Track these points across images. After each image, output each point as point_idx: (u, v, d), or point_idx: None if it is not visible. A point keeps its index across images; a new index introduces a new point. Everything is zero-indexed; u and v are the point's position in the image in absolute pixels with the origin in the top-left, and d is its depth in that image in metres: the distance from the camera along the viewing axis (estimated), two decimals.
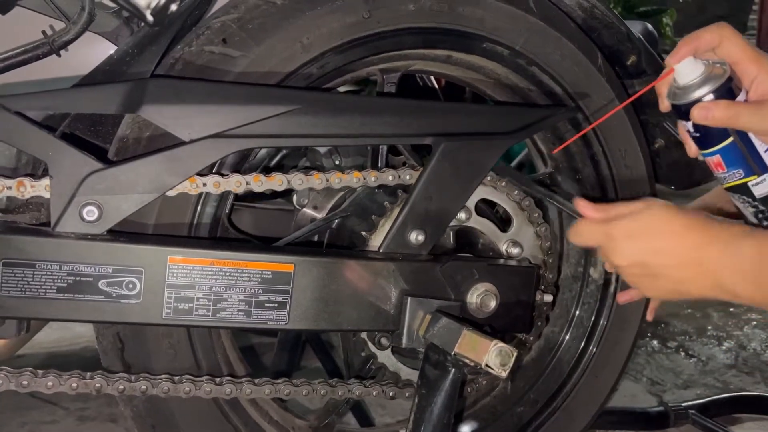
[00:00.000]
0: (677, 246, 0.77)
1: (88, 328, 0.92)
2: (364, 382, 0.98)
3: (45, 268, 0.78)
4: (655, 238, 0.78)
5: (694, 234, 0.77)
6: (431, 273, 0.93)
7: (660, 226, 0.79)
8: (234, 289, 0.85)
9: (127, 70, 0.87)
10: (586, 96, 1.05)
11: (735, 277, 0.74)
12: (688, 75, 0.81)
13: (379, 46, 0.96)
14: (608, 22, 1.07)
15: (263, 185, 0.89)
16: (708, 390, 1.74)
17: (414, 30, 0.96)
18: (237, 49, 0.87)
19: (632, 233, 0.79)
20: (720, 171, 0.84)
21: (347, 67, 0.96)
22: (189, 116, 0.82)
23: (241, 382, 0.91)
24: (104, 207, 0.80)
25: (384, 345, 0.96)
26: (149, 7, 0.86)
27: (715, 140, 0.82)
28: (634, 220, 0.80)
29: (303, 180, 0.91)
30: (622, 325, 1.14)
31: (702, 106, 0.79)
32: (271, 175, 0.90)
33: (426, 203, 0.94)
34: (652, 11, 3.46)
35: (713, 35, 0.80)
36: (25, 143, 0.80)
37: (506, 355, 0.81)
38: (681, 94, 0.81)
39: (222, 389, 0.90)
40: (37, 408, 1.58)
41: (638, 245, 0.79)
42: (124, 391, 0.86)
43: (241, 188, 0.88)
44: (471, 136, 0.94)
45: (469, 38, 0.99)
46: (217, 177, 0.87)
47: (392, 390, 0.98)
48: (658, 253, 0.78)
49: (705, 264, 0.76)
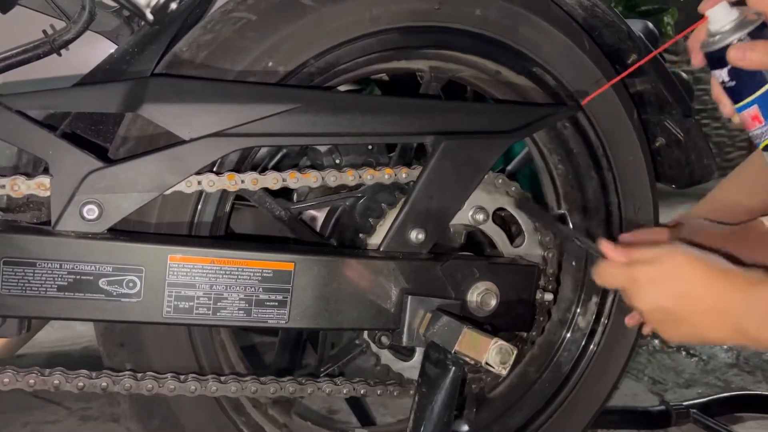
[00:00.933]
0: (701, 293, 0.77)
1: (90, 327, 0.92)
2: (369, 381, 0.98)
3: (45, 266, 0.78)
4: (678, 285, 0.78)
5: (717, 282, 0.77)
6: (432, 271, 0.93)
7: (684, 273, 0.78)
8: (234, 287, 0.85)
9: (128, 69, 0.87)
10: None
11: (758, 322, 0.75)
12: (721, 20, 0.78)
13: (438, 41, 0.98)
14: (609, 21, 1.07)
15: (258, 184, 0.89)
16: (709, 389, 1.73)
17: (474, 35, 0.98)
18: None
19: (656, 279, 0.79)
20: (757, 126, 0.80)
21: (403, 52, 0.98)
22: (189, 115, 0.82)
23: (246, 380, 0.91)
24: (104, 206, 0.80)
25: (384, 343, 0.96)
26: (149, 5, 0.86)
27: (752, 87, 0.79)
28: (658, 265, 0.80)
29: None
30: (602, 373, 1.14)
31: (739, 47, 0.77)
32: (266, 174, 0.90)
33: (426, 202, 0.94)
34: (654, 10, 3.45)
35: None
36: (26, 142, 0.80)
37: (506, 353, 0.81)
38: (715, 41, 0.79)
39: (227, 387, 0.90)
40: (40, 408, 1.58)
41: (662, 291, 0.79)
42: (131, 389, 0.86)
43: (237, 187, 0.88)
44: (471, 135, 0.94)
45: (523, 59, 1.01)
46: (211, 176, 0.86)
47: (397, 389, 0.98)
48: (681, 299, 0.78)
49: (728, 311, 0.76)
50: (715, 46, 0.79)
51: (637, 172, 1.12)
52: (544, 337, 1.13)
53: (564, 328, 1.14)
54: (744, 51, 0.77)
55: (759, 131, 0.81)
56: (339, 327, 0.92)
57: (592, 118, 1.06)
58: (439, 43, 0.99)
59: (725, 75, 0.80)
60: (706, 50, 0.80)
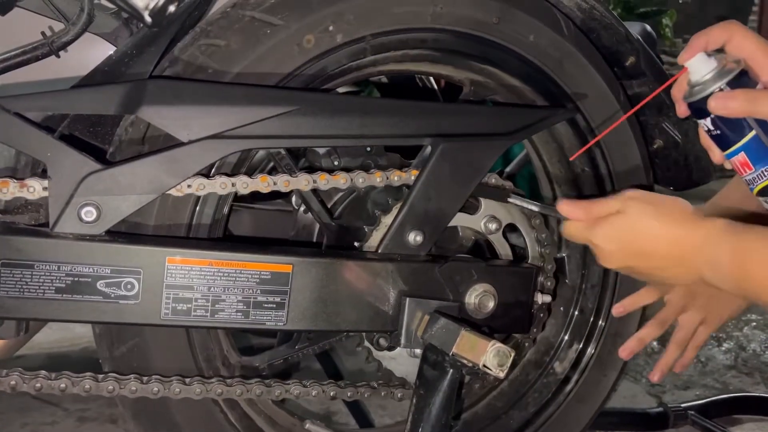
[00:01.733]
0: (656, 246, 0.79)
1: (88, 328, 0.92)
2: (372, 384, 0.98)
3: (43, 268, 0.78)
4: (633, 241, 0.80)
5: (671, 231, 0.79)
6: (430, 274, 0.93)
7: (637, 228, 0.80)
8: (232, 289, 0.85)
9: (126, 71, 0.87)
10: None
11: (715, 275, 0.76)
12: (701, 70, 0.79)
13: (489, 56, 1.01)
14: (607, 23, 1.07)
15: (248, 187, 0.89)
16: (707, 391, 1.74)
17: (522, 59, 1.01)
18: None
19: (612, 238, 0.81)
20: (747, 172, 0.81)
21: (451, 57, 1.01)
22: (187, 117, 0.82)
23: (251, 383, 0.92)
24: (103, 208, 0.80)
25: (382, 345, 0.96)
26: (147, 8, 0.86)
27: (737, 135, 0.79)
28: (611, 224, 0.82)
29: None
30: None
31: (718, 96, 0.77)
32: (259, 177, 0.90)
33: (425, 204, 0.94)
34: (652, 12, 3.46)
35: (722, 30, 0.79)
36: (24, 144, 0.80)
37: (504, 356, 0.81)
38: (696, 91, 0.79)
39: (233, 390, 0.90)
40: (38, 409, 1.58)
41: (619, 249, 0.81)
42: (136, 392, 0.86)
43: (226, 190, 0.88)
44: (470, 137, 0.94)
45: (561, 94, 1.04)
46: (244, 177, 0.88)
47: (400, 392, 0.98)
48: (639, 255, 0.80)
49: (685, 261, 0.78)
50: (696, 97, 0.79)
51: (636, 174, 1.12)
52: (516, 374, 1.13)
53: (538, 370, 1.14)
54: (724, 100, 0.77)
55: (750, 177, 0.81)
56: (337, 329, 0.92)
57: (590, 120, 1.06)
58: (488, 58, 1.01)
59: (710, 124, 0.80)
60: (689, 101, 0.81)
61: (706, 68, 0.79)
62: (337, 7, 0.89)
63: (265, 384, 0.93)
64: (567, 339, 1.14)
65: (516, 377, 1.13)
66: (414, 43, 0.96)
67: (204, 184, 0.86)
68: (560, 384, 1.13)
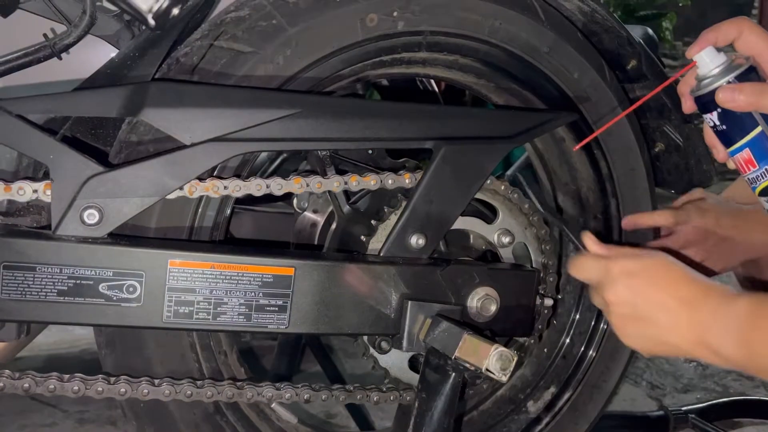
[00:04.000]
0: (672, 293, 0.76)
1: (88, 330, 0.92)
2: (382, 387, 0.98)
3: (45, 271, 0.78)
4: (651, 282, 0.78)
5: (690, 286, 0.76)
6: (432, 277, 0.93)
7: (659, 273, 0.78)
8: (234, 292, 0.85)
9: (129, 74, 0.87)
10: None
11: (722, 335, 0.72)
12: (709, 64, 0.78)
13: (532, 82, 1.03)
14: (608, 27, 1.07)
15: (282, 189, 0.90)
16: (708, 394, 1.74)
17: (563, 94, 1.03)
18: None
19: (630, 272, 0.79)
20: (751, 169, 0.80)
21: (497, 76, 1.04)
22: (190, 120, 0.82)
23: (261, 386, 0.92)
24: (105, 210, 0.80)
25: (384, 349, 0.96)
26: (151, 11, 0.86)
27: (743, 131, 0.79)
28: (636, 261, 0.80)
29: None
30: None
31: (727, 88, 0.77)
32: (293, 178, 0.91)
33: (427, 207, 0.94)
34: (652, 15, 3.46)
35: (732, 26, 0.78)
36: (27, 146, 0.79)
37: (507, 360, 0.81)
38: (704, 85, 0.79)
39: (244, 393, 0.90)
40: (37, 410, 1.58)
41: (633, 283, 0.78)
42: (126, 394, 0.85)
43: (261, 191, 0.89)
44: (472, 140, 0.94)
45: (585, 128, 1.05)
46: (279, 179, 0.89)
47: (410, 395, 0.97)
48: (650, 296, 0.77)
49: (695, 316, 0.74)
50: (704, 90, 0.79)
51: (637, 177, 1.12)
52: (488, 406, 1.12)
53: (511, 406, 1.12)
54: (733, 92, 0.77)
55: (753, 175, 0.80)
56: (339, 332, 0.92)
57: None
58: (531, 85, 1.03)
59: (716, 119, 0.80)
60: (696, 94, 0.80)
61: (714, 62, 0.78)
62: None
63: (275, 387, 0.92)
64: (545, 381, 1.13)
65: (488, 409, 1.12)
66: (467, 51, 0.98)
67: (239, 185, 0.86)
68: (530, 423, 1.12)
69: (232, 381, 0.91)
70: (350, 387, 0.96)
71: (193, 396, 0.88)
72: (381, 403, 0.97)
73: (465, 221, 1.01)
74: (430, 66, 1.02)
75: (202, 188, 0.85)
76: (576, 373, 1.12)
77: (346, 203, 1.07)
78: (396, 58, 0.97)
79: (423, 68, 1.02)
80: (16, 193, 0.80)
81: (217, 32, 0.86)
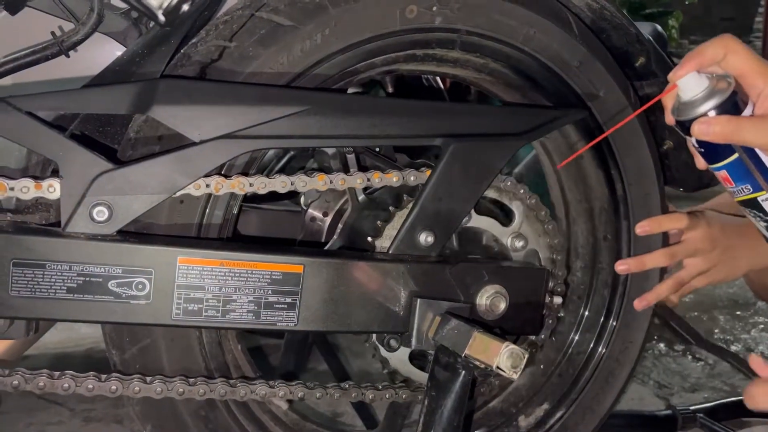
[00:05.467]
0: None
1: (94, 328, 0.92)
2: (395, 386, 0.98)
3: (55, 268, 0.78)
4: None
5: None
6: (441, 274, 0.92)
7: None
8: (243, 289, 0.84)
9: (137, 71, 0.87)
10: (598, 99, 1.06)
11: None
12: (691, 90, 0.79)
13: (560, 95, 1.03)
14: (617, 24, 1.06)
15: (307, 186, 0.91)
16: (715, 393, 1.73)
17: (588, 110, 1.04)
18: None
19: None
20: (729, 185, 0.83)
21: (525, 85, 1.04)
22: (199, 117, 0.82)
23: (274, 386, 0.92)
24: (114, 207, 0.80)
25: (393, 347, 0.96)
26: (161, 7, 0.86)
27: (720, 156, 0.81)
28: None
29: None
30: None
31: (702, 122, 0.77)
32: (317, 175, 0.92)
33: (436, 204, 0.93)
34: (658, 13, 3.46)
35: (717, 48, 0.78)
36: (37, 143, 0.79)
37: (518, 357, 0.81)
38: (684, 110, 0.80)
39: (256, 390, 0.90)
40: (44, 409, 1.58)
41: None
42: (139, 392, 0.85)
43: (286, 188, 0.90)
44: (481, 137, 0.94)
45: (606, 152, 1.07)
46: (305, 177, 0.90)
47: (406, 393, 0.97)
48: None
49: None
50: (684, 116, 0.80)
51: (646, 175, 1.11)
52: (479, 416, 1.11)
53: (502, 418, 1.12)
54: (707, 126, 0.77)
55: (732, 190, 0.83)
56: (348, 330, 0.92)
57: (600, 121, 1.06)
58: (558, 98, 1.03)
59: (694, 141, 0.81)
60: (677, 118, 0.81)
61: (696, 89, 0.79)
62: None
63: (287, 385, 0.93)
64: (538, 397, 1.12)
65: (477, 419, 1.11)
66: (499, 55, 0.98)
67: (264, 183, 0.87)
68: None
69: (225, 379, 0.91)
70: (345, 385, 0.96)
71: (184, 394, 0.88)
72: (377, 401, 0.97)
73: (481, 220, 1.01)
74: (461, 67, 1.02)
75: (229, 185, 0.86)
76: (570, 391, 1.12)
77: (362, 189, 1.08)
78: (429, 53, 0.97)
79: (453, 68, 1.02)
80: (20, 191, 0.80)
81: (258, 3, 0.86)
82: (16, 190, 0.80)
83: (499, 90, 1.08)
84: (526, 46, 0.97)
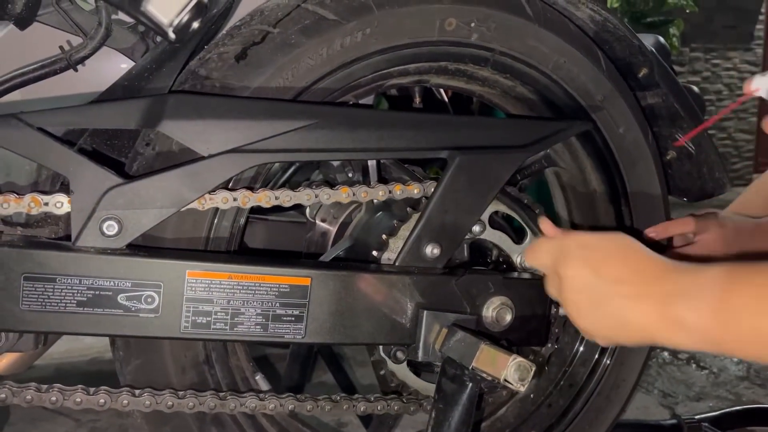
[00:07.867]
0: (631, 266, 0.70)
1: (97, 340, 0.93)
2: (402, 398, 0.98)
3: (65, 282, 0.79)
4: (609, 255, 0.72)
5: (652, 260, 0.70)
6: (447, 286, 0.93)
7: (618, 247, 0.72)
8: (251, 302, 0.85)
9: (146, 86, 0.87)
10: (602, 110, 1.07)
11: (693, 305, 0.63)
12: None
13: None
14: (620, 35, 1.07)
15: (330, 198, 0.92)
16: (720, 402, 1.73)
17: (606, 145, 1.07)
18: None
19: (587, 245, 0.74)
20: None
21: (549, 112, 1.06)
22: (207, 131, 0.83)
23: (284, 398, 0.92)
24: (124, 221, 0.81)
25: (400, 359, 0.96)
26: (171, 24, 0.87)
27: None
28: (593, 235, 0.76)
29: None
30: None
31: None
32: (340, 188, 0.93)
33: (442, 216, 0.94)
34: (659, 22, 3.46)
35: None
36: (47, 159, 0.80)
37: (525, 370, 0.81)
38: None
39: (265, 404, 0.91)
40: (50, 419, 1.58)
41: (590, 256, 0.72)
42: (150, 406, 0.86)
43: (311, 201, 0.91)
44: (486, 150, 0.95)
45: (623, 189, 1.10)
46: (327, 189, 0.91)
47: (398, 404, 0.97)
48: (608, 270, 0.71)
49: (659, 289, 0.66)
50: None
51: (649, 185, 1.12)
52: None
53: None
54: None
55: None
56: (355, 342, 0.92)
57: (604, 132, 1.06)
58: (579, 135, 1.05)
59: None
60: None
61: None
62: (488, 10, 0.94)
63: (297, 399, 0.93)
64: (526, 426, 1.12)
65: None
66: (528, 79, 1.01)
67: (290, 195, 0.89)
68: None
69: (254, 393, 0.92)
70: (336, 397, 0.96)
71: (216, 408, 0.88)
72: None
73: (494, 235, 1.02)
74: (489, 87, 1.04)
75: (255, 199, 0.87)
76: (559, 422, 1.12)
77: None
78: (461, 68, 0.99)
79: (481, 87, 1.05)
80: (28, 206, 0.81)
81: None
82: (25, 205, 0.80)
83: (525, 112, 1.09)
84: (555, 73, 1.00)
